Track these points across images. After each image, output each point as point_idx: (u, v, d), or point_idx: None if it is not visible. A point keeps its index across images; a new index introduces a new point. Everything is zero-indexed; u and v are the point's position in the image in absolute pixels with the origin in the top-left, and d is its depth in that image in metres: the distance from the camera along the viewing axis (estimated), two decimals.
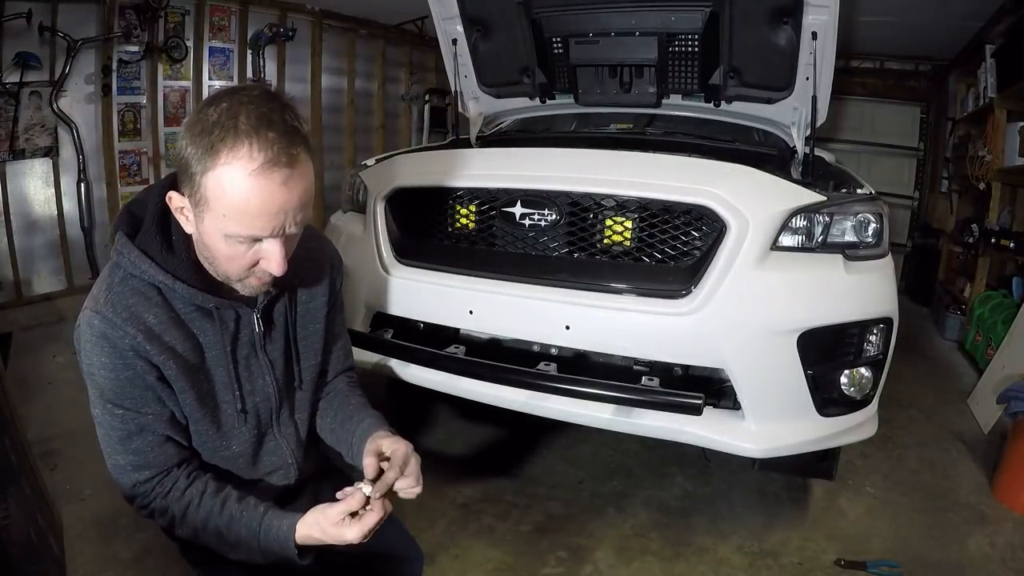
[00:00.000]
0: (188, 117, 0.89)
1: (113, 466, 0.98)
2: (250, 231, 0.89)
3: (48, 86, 3.70)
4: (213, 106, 0.86)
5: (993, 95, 3.95)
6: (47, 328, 3.75)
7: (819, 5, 2.11)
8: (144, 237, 0.95)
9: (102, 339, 0.92)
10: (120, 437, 0.95)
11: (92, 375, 0.94)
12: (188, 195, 0.90)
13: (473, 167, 2.05)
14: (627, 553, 1.99)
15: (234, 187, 0.85)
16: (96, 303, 0.93)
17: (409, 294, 1.97)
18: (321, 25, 5.24)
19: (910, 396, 3.23)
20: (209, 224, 0.89)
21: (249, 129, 0.84)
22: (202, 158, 0.85)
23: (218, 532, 0.98)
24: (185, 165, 0.87)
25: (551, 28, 2.56)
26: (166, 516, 0.99)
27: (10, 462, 1.61)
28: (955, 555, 2.04)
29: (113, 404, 0.94)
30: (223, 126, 0.84)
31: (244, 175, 0.84)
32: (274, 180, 0.86)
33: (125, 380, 0.94)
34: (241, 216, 0.87)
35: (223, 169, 0.84)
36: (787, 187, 1.81)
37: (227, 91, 0.88)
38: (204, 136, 0.84)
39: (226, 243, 0.90)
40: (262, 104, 0.86)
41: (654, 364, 1.82)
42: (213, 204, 0.87)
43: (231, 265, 0.94)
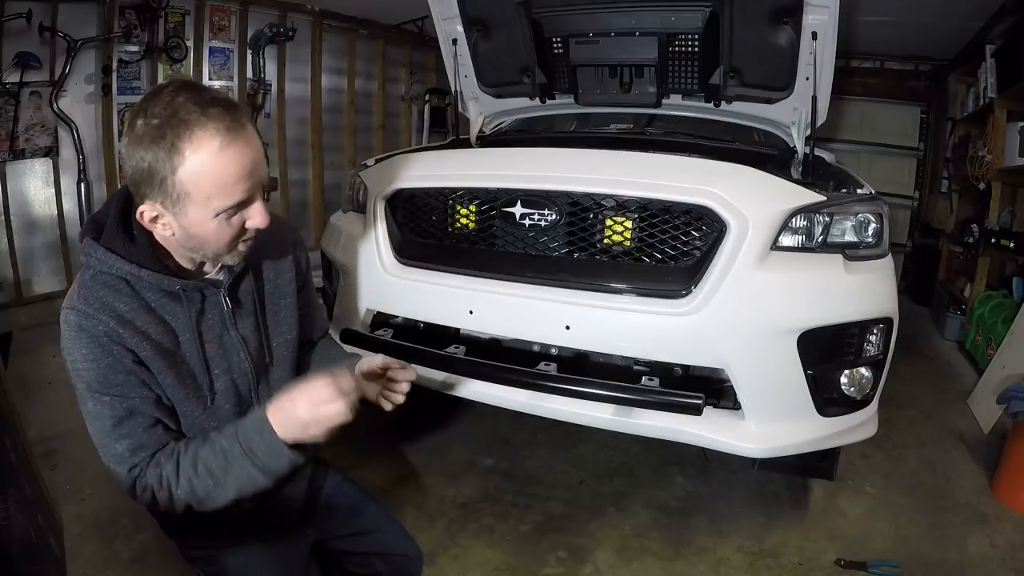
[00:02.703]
0: (127, 136, 0.93)
1: (109, 456, 0.99)
2: (236, 198, 0.96)
3: (48, 86, 3.70)
4: (147, 116, 0.90)
5: (993, 95, 3.95)
6: (47, 328, 3.75)
7: (819, 5, 2.11)
8: (107, 236, 1.00)
9: (79, 331, 0.95)
10: (112, 423, 0.97)
11: (76, 369, 0.97)
12: (161, 201, 0.94)
13: (473, 167, 2.05)
14: (627, 553, 1.99)
15: (209, 168, 0.91)
16: (70, 300, 0.98)
17: (409, 294, 1.97)
18: (321, 25, 5.24)
19: (910, 396, 3.23)
20: (195, 213, 0.95)
21: (197, 115, 0.90)
22: (167, 159, 0.90)
23: (207, 464, 0.98)
24: (148, 175, 0.92)
25: (551, 28, 2.56)
26: (163, 485, 0.98)
27: (10, 462, 1.61)
28: (955, 555, 2.04)
29: (100, 392, 0.97)
30: (171, 125, 0.89)
31: (214, 154, 0.91)
32: (239, 145, 0.93)
33: (107, 367, 0.96)
34: (224, 188, 0.94)
35: (193, 158, 0.90)
36: (787, 187, 1.81)
37: (146, 100, 0.93)
38: (157, 141, 0.90)
39: (216, 222, 0.96)
40: (186, 91, 0.92)
41: (654, 364, 1.82)
42: (195, 193, 0.93)
43: (222, 240, 1.00)
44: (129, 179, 0.96)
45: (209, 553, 1.15)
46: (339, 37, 5.47)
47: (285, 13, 4.91)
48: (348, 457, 1.85)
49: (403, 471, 2.37)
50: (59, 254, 3.95)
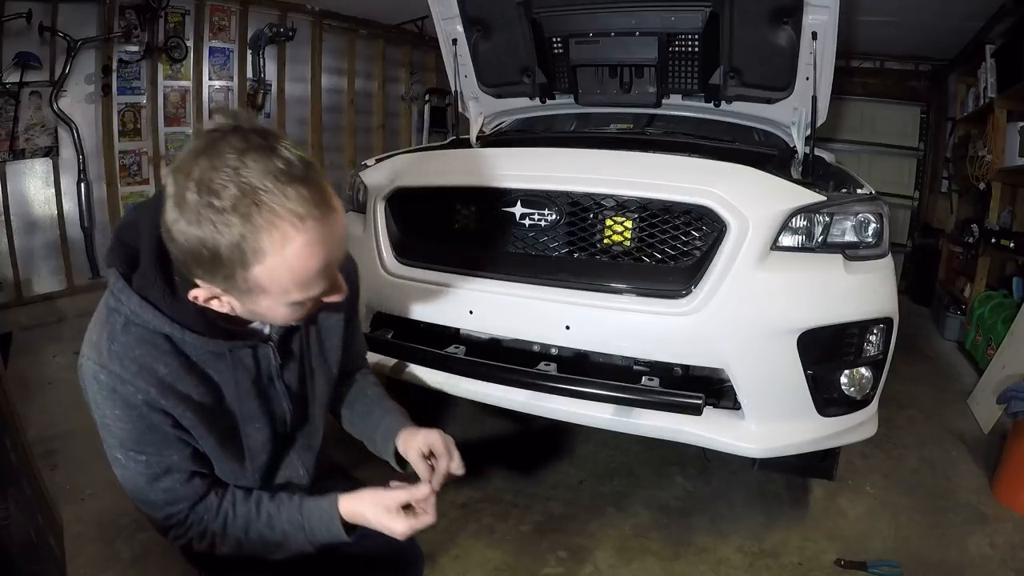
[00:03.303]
0: (176, 211, 0.74)
1: (142, 503, 0.96)
2: (316, 290, 0.84)
3: (48, 86, 3.71)
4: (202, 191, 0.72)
5: (993, 95, 3.95)
6: (47, 328, 3.76)
7: (819, 5, 2.11)
8: (143, 281, 0.86)
9: (111, 393, 0.87)
10: (147, 479, 0.93)
11: (107, 426, 0.90)
12: (225, 288, 0.80)
13: (473, 167, 2.05)
14: (627, 553, 1.99)
15: (292, 266, 0.77)
16: (100, 356, 0.86)
17: (409, 294, 1.97)
18: (321, 25, 5.24)
19: (910, 396, 3.23)
20: (267, 303, 0.83)
21: (278, 198, 0.73)
22: (239, 255, 0.74)
23: (260, 535, 0.97)
24: (208, 266, 0.76)
25: (551, 28, 2.56)
26: (205, 539, 0.97)
27: (10, 462, 1.61)
28: (955, 555, 2.04)
29: (135, 452, 0.91)
30: (245, 214, 0.72)
31: (299, 249, 0.76)
32: (323, 233, 0.78)
33: (144, 429, 0.89)
34: (306, 284, 0.81)
35: (275, 259, 0.76)
36: (787, 187, 1.81)
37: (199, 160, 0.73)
38: (221, 230, 0.72)
39: (288, 309, 0.85)
40: (254, 154, 0.73)
41: (654, 364, 1.82)
42: (273, 288, 0.79)
43: (291, 319, 0.89)
44: (176, 251, 0.78)
45: (216, 554, 1.14)
46: (339, 37, 5.47)
47: (285, 13, 4.92)
48: (348, 457, 1.84)
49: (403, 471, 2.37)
50: (59, 254, 3.96)
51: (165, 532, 0.97)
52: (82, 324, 0.96)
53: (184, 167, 0.73)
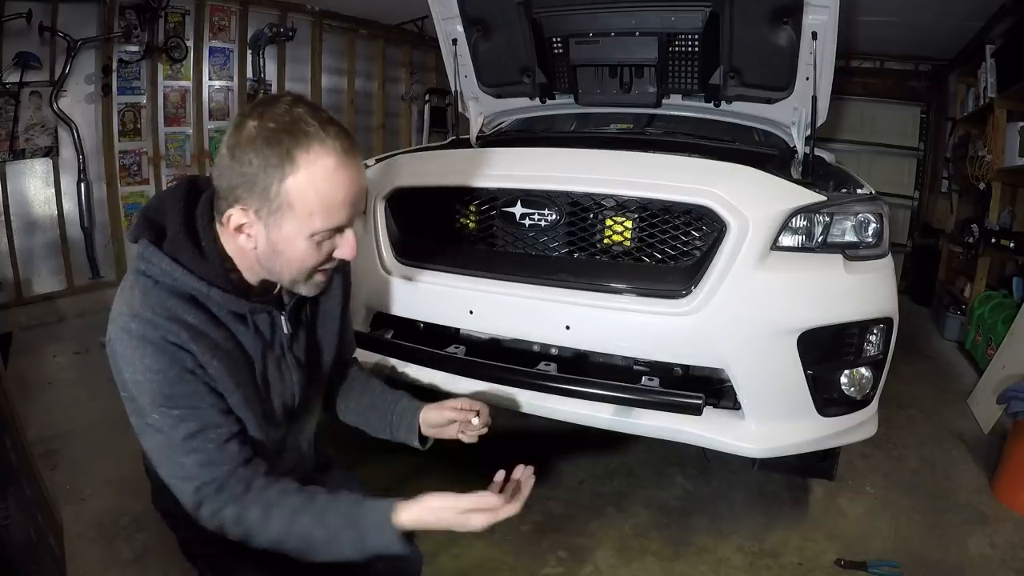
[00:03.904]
0: (232, 137, 0.89)
1: (173, 471, 0.94)
2: (336, 222, 0.93)
3: (48, 86, 3.70)
4: (261, 119, 0.87)
5: (993, 95, 3.95)
6: (47, 328, 3.76)
7: (819, 5, 2.11)
8: (173, 244, 0.93)
9: (143, 342, 0.89)
10: (182, 437, 0.92)
11: (138, 383, 0.90)
12: (256, 209, 0.90)
13: (473, 167, 2.05)
14: (627, 553, 1.99)
15: (321, 183, 0.89)
16: (130, 308, 0.90)
17: (409, 294, 1.97)
18: (321, 25, 5.24)
19: (910, 396, 3.23)
20: (289, 229, 0.91)
21: (317, 129, 0.88)
22: (278, 167, 0.87)
23: (308, 536, 0.94)
24: (250, 180, 0.88)
25: (551, 28, 2.56)
26: (240, 525, 0.94)
27: (10, 462, 1.61)
28: (955, 555, 2.04)
29: (167, 407, 0.91)
30: (290, 132, 0.87)
31: (330, 170, 0.89)
32: (352, 168, 0.92)
33: (175, 378, 0.91)
34: (329, 209, 0.91)
35: (307, 170, 0.87)
36: (787, 187, 1.81)
37: (260, 104, 0.90)
38: (272, 145, 0.86)
39: (307, 243, 0.92)
40: (304, 104, 0.90)
41: (654, 364, 1.82)
42: (298, 206, 0.89)
43: (305, 265, 0.96)
44: (223, 181, 0.91)
45: (217, 552, 1.14)
46: (339, 37, 5.47)
47: (285, 13, 4.91)
48: (348, 457, 1.85)
49: (403, 471, 2.37)
50: (59, 254, 3.96)
51: (197, 507, 0.94)
52: (82, 324, 0.96)
53: (246, 111, 0.91)
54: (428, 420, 1.25)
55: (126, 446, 2.35)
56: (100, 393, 2.82)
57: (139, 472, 1.13)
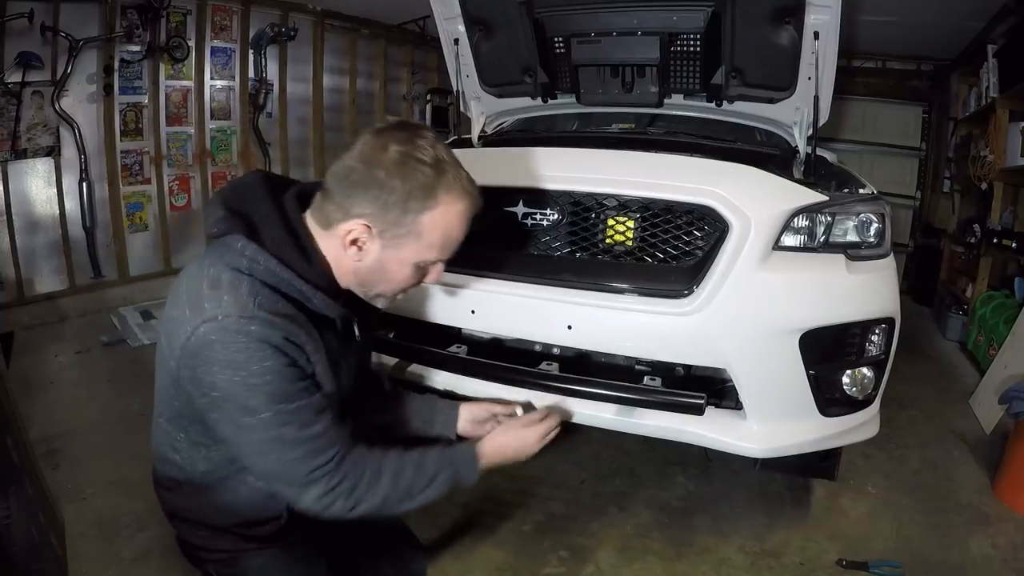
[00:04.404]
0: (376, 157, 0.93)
1: (285, 461, 0.94)
2: (443, 255, 1.03)
3: (50, 86, 3.71)
4: (407, 147, 0.93)
5: (995, 95, 3.94)
6: (49, 327, 3.77)
7: (821, 5, 2.10)
8: (276, 244, 0.94)
9: (263, 344, 0.88)
10: (297, 427, 0.93)
11: (251, 385, 0.89)
12: (381, 230, 0.96)
13: (475, 167, 2.04)
14: (629, 553, 1.99)
15: (450, 222, 0.99)
16: (245, 310, 0.88)
17: (411, 294, 1.96)
18: (323, 25, 5.25)
19: (912, 396, 3.23)
20: (406, 254, 0.99)
21: (455, 172, 0.98)
22: (421, 197, 0.94)
23: (408, 486, 1.05)
24: (387, 203, 0.93)
25: (553, 28, 2.55)
26: (355, 493, 0.99)
27: (12, 461, 1.61)
28: (957, 556, 2.04)
29: (284, 403, 0.92)
30: (437, 169, 0.95)
31: (459, 211, 0.99)
32: (471, 215, 1.02)
33: (291, 376, 0.92)
34: (447, 245, 1.02)
35: (443, 208, 0.97)
36: (789, 187, 1.80)
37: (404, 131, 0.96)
38: (417, 176, 0.93)
39: (412, 268, 1.02)
40: (444, 147, 0.99)
41: (656, 364, 1.82)
42: (425, 238, 0.98)
43: (398, 285, 1.05)
44: (348, 194, 0.94)
45: (228, 556, 1.14)
46: (341, 37, 5.48)
47: (287, 13, 4.92)
48: None
49: None
50: (61, 253, 3.96)
51: (306, 492, 0.96)
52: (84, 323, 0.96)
53: (385, 132, 0.96)
54: (471, 415, 1.34)
55: (127, 445, 2.36)
56: (101, 393, 2.83)
57: (141, 471, 1.14)
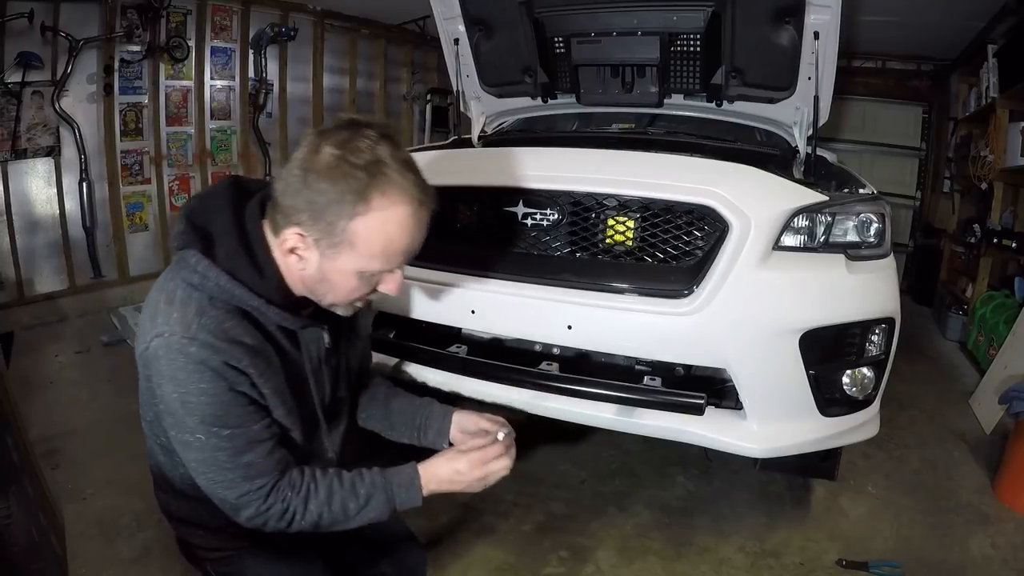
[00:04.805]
0: (310, 160, 0.86)
1: (215, 483, 0.94)
2: (392, 266, 0.94)
3: (50, 86, 3.71)
4: (341, 149, 0.85)
5: (995, 95, 3.94)
6: (49, 327, 3.77)
7: (821, 5, 2.11)
8: (228, 259, 0.91)
9: (201, 366, 0.87)
10: (230, 454, 0.92)
11: (187, 403, 0.89)
12: (317, 238, 0.89)
13: (475, 167, 2.05)
14: (629, 553, 1.99)
15: (387, 230, 0.88)
16: (188, 329, 0.87)
17: (411, 294, 1.97)
18: (323, 25, 5.24)
19: (912, 396, 3.23)
20: (344, 263, 0.91)
21: (396, 173, 0.87)
22: (350, 204, 0.85)
23: (343, 502, 1.01)
24: (318, 209, 0.86)
25: (553, 28, 2.55)
26: (286, 515, 0.97)
27: (12, 461, 1.61)
28: (957, 556, 2.04)
29: (217, 426, 0.91)
30: (371, 171, 0.85)
31: (401, 218, 0.89)
32: (421, 219, 0.92)
33: (229, 401, 0.90)
34: (390, 255, 0.92)
35: (377, 214, 0.87)
36: (789, 187, 1.80)
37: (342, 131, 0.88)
38: (348, 180, 0.85)
39: (357, 279, 0.94)
40: (389, 142, 0.89)
41: (656, 364, 1.82)
42: (361, 247, 0.89)
43: (350, 295, 0.97)
44: (288, 199, 0.89)
45: (225, 555, 1.15)
46: (341, 37, 5.47)
47: (287, 13, 4.92)
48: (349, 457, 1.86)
49: None
50: (61, 254, 3.96)
51: (236, 511, 0.96)
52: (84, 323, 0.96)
53: (326, 132, 0.88)
54: (460, 425, 1.27)
55: (127, 445, 2.36)
56: (101, 392, 2.83)
57: (140, 471, 1.14)
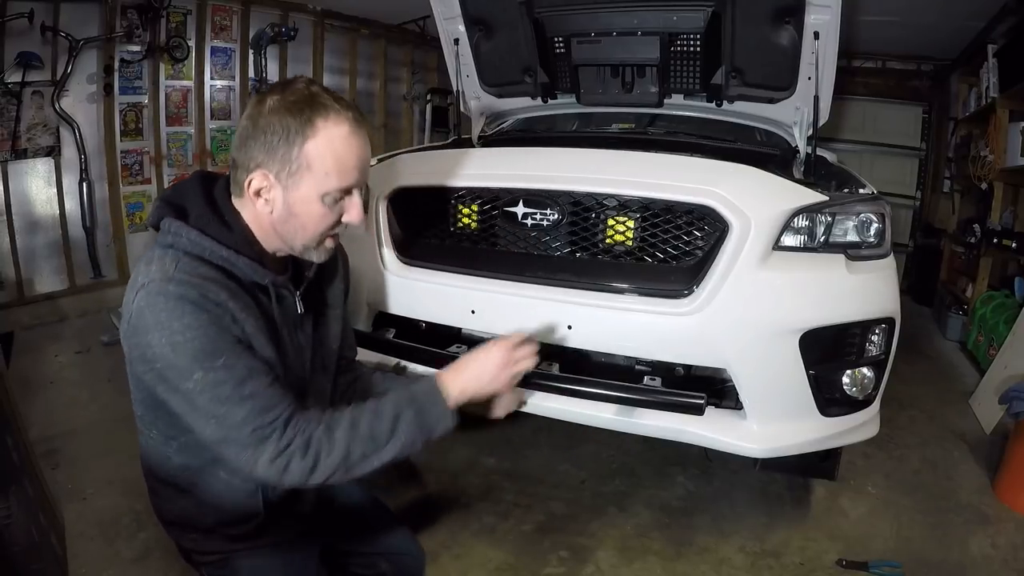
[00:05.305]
0: (253, 109, 0.99)
1: (228, 425, 0.93)
2: (347, 182, 1.01)
3: (50, 86, 3.71)
4: (282, 94, 0.98)
5: (995, 95, 3.94)
6: (49, 327, 3.76)
7: (821, 5, 2.11)
8: (199, 219, 0.98)
9: (181, 301, 0.90)
10: (233, 385, 0.92)
11: (176, 344, 0.90)
12: (276, 172, 0.98)
13: (475, 167, 2.05)
14: (629, 553, 1.99)
15: (336, 146, 0.98)
16: (165, 274, 0.91)
17: (411, 294, 1.97)
18: (323, 25, 5.24)
19: (912, 396, 3.23)
20: (306, 189, 0.99)
21: (331, 102, 0.99)
22: (299, 131, 0.96)
23: (370, 427, 1.00)
24: (272, 145, 0.97)
25: (553, 28, 2.55)
26: (310, 450, 0.96)
27: (12, 461, 1.61)
28: (957, 556, 2.04)
29: (210, 361, 0.91)
30: (309, 104, 0.97)
31: (344, 134, 0.99)
32: (362, 136, 1.02)
33: (215, 333, 0.92)
34: (342, 170, 1.00)
35: (324, 133, 0.97)
36: (789, 187, 1.80)
37: (279, 85, 1.01)
38: (294, 114, 0.96)
39: (321, 203, 1.00)
40: (319, 86, 1.01)
41: (656, 364, 1.82)
42: (316, 166, 0.98)
43: (319, 227, 1.02)
44: (243, 152, 0.99)
45: (221, 557, 1.15)
46: (341, 37, 5.47)
47: (287, 13, 4.92)
48: None
49: (405, 471, 2.37)
50: (61, 254, 3.96)
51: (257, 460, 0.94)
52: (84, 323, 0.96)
53: (265, 90, 1.01)
54: None
55: (127, 445, 2.35)
56: (101, 392, 2.83)
57: (140, 472, 1.14)
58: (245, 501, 1.10)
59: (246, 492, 1.08)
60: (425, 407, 1.06)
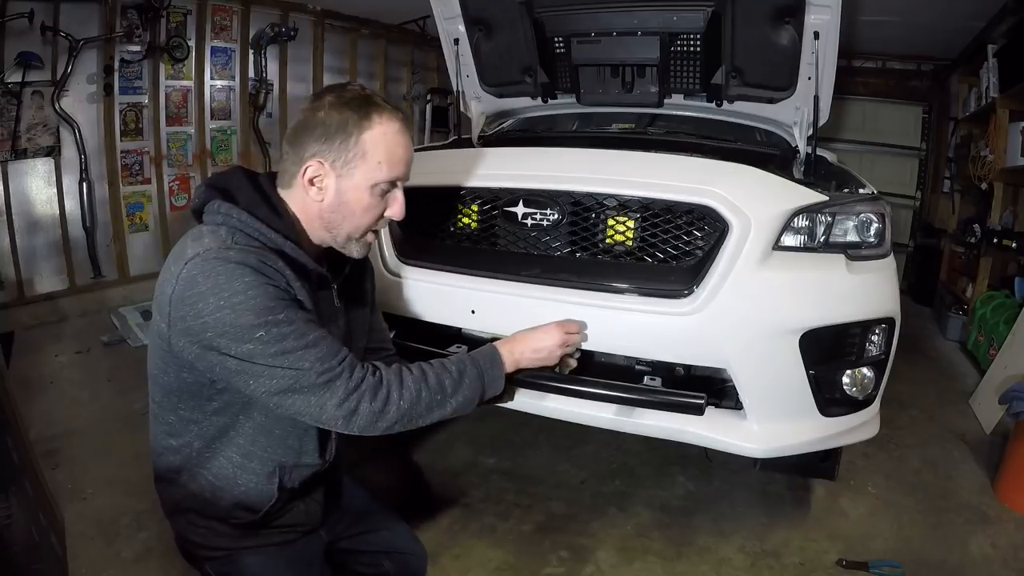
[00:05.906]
0: (314, 106, 1.06)
1: (297, 375, 0.95)
2: (396, 174, 1.10)
3: (50, 86, 3.71)
4: (341, 93, 1.07)
5: (995, 95, 3.94)
6: (49, 327, 3.77)
7: (821, 5, 2.11)
8: (248, 202, 1.03)
9: (241, 266, 0.93)
10: (296, 337, 0.95)
11: (236, 305, 0.91)
12: (332, 160, 1.05)
13: (475, 167, 2.05)
14: (629, 553, 1.99)
15: (389, 139, 1.08)
16: (221, 244, 0.95)
17: (411, 294, 1.97)
18: (323, 25, 5.25)
19: (912, 396, 3.23)
20: (359, 177, 1.07)
21: (383, 102, 1.09)
22: (357, 123, 1.05)
23: (440, 383, 1.09)
24: (332, 134, 1.04)
25: (553, 28, 2.55)
26: (380, 391, 1.01)
27: (12, 461, 1.61)
28: (957, 556, 2.04)
29: (274, 314, 0.94)
30: (366, 101, 1.07)
31: (396, 130, 1.09)
32: (408, 135, 1.12)
33: (273, 294, 0.95)
34: (392, 160, 1.09)
35: (380, 127, 1.07)
36: (789, 187, 1.80)
37: (335, 86, 1.10)
38: (353, 108, 1.05)
39: (370, 193, 1.09)
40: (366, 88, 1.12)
41: (656, 364, 1.81)
42: (371, 155, 1.06)
43: (365, 217, 1.10)
44: (298, 145, 1.06)
45: (227, 553, 1.15)
46: (341, 37, 5.48)
47: (287, 13, 4.92)
48: (351, 457, 1.86)
49: (405, 471, 2.37)
50: (61, 253, 3.96)
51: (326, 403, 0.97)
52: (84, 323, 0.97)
53: (320, 91, 1.10)
54: None
55: (127, 445, 2.36)
56: (101, 392, 2.83)
57: (140, 471, 1.14)
58: (261, 485, 1.10)
59: (264, 475, 1.10)
60: (486, 369, 1.16)
